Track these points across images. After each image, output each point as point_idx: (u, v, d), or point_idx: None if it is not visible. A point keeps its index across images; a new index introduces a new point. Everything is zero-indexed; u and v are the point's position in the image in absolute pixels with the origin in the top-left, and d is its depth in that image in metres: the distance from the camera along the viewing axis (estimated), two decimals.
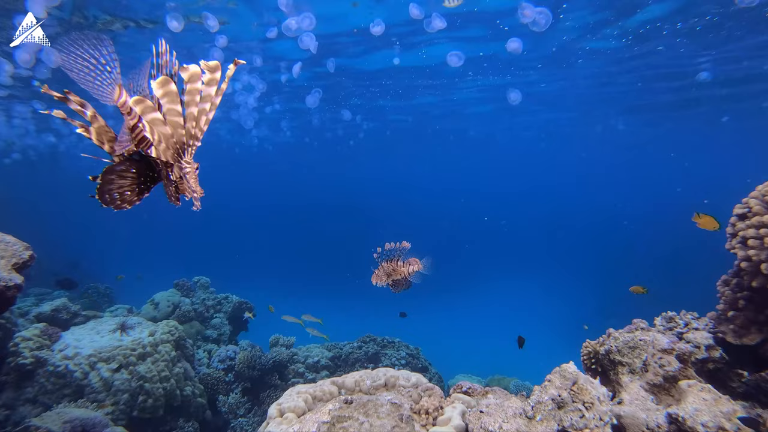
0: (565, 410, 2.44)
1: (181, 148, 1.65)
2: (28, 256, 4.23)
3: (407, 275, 2.87)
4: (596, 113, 20.08)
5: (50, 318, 8.07)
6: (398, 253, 2.85)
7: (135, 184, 1.75)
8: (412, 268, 2.87)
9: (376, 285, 2.87)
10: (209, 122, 1.63)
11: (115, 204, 1.70)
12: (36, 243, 4.40)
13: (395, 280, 2.88)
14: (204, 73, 1.50)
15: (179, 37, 9.64)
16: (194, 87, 1.52)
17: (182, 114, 1.57)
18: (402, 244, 2.84)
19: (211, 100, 1.58)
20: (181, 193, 1.73)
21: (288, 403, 2.97)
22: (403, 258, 2.87)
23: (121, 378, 6.31)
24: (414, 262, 2.88)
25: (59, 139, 23.19)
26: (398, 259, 2.86)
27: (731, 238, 2.90)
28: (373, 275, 2.85)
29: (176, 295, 10.39)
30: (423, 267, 2.89)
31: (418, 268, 2.88)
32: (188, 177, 1.68)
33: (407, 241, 2.82)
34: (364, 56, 12.24)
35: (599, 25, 10.08)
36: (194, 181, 1.70)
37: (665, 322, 3.32)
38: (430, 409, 2.76)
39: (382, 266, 2.86)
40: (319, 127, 22.82)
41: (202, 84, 1.52)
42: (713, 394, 2.53)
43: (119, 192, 1.71)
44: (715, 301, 3.04)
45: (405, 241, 2.82)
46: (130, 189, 1.73)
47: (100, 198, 1.67)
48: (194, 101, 1.55)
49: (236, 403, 8.17)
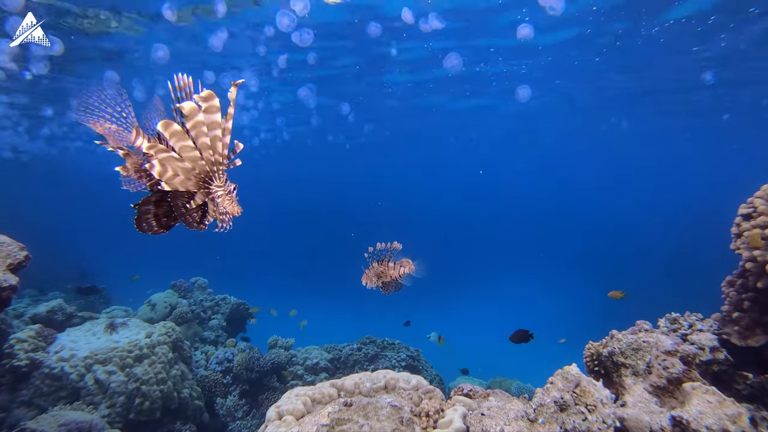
0: (568, 413, 2.44)
1: (206, 176, 1.76)
2: (23, 257, 4.23)
3: (397, 277, 2.80)
4: (602, 111, 20.08)
5: (46, 319, 8.07)
6: (389, 254, 2.78)
7: (171, 212, 1.87)
8: (403, 270, 2.79)
9: (366, 286, 2.82)
10: (227, 145, 1.71)
11: (152, 230, 1.82)
12: (31, 243, 4.40)
13: (385, 282, 2.82)
14: (200, 105, 1.57)
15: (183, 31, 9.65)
16: (196, 121, 1.59)
17: (196, 146, 1.66)
18: (393, 244, 2.77)
19: (220, 126, 1.64)
20: (211, 217, 1.86)
21: (287, 405, 2.97)
22: (394, 259, 2.80)
23: (117, 380, 6.31)
24: (405, 264, 2.79)
25: (52, 142, 23.22)
26: (389, 260, 2.78)
27: (736, 238, 2.90)
28: (363, 276, 2.80)
29: (173, 296, 10.39)
30: (415, 269, 2.81)
31: (410, 270, 2.79)
32: (219, 200, 1.81)
33: (398, 242, 2.74)
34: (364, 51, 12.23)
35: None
36: (229, 202, 1.83)
37: (669, 324, 3.32)
38: (431, 411, 2.76)
39: (373, 267, 2.78)
40: (319, 127, 22.84)
41: (203, 115, 1.59)
42: (718, 397, 2.53)
43: (156, 219, 1.82)
44: (720, 302, 3.04)
45: (396, 242, 2.75)
46: (167, 216, 1.84)
47: (137, 227, 1.79)
48: (203, 132, 1.63)
49: (234, 406, 8.16)
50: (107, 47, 10.49)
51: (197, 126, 1.61)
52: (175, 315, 9.70)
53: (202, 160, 1.70)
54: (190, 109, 1.56)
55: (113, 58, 11.17)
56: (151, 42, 9.95)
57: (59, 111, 17.12)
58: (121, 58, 11.17)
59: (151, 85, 12.55)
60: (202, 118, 1.59)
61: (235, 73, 12.91)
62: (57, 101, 15.86)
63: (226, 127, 1.66)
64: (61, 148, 24.87)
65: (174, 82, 1.64)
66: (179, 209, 1.80)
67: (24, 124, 19.28)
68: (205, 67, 11.97)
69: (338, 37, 10.93)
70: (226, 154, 1.73)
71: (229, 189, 1.83)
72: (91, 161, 28.90)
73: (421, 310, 25.20)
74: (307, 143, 27.94)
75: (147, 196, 1.79)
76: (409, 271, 2.79)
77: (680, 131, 24.32)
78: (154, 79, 12.39)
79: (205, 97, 1.57)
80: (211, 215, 1.86)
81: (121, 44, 10.28)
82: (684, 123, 22.15)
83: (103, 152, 1.86)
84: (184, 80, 1.64)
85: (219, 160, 1.73)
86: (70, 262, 17.74)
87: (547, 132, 25.85)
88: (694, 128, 23.02)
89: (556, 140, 28.91)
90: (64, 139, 22.49)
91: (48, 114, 17.32)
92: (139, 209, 1.77)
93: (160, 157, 1.63)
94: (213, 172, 1.76)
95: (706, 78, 13.34)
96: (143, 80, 12.36)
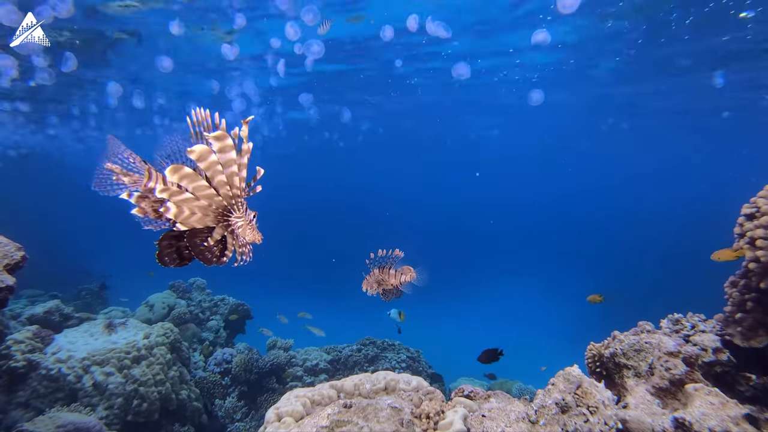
0: (569, 414, 2.44)
1: (225, 210, 1.79)
2: (20, 257, 4.22)
3: (398, 285, 2.78)
4: (602, 110, 20.08)
5: (43, 320, 8.07)
6: (391, 261, 2.74)
7: (188, 241, 1.89)
8: (404, 278, 2.75)
9: (366, 292, 2.79)
10: (245, 179, 1.72)
11: (174, 264, 1.84)
12: (29, 243, 4.40)
13: (386, 290, 2.80)
14: (212, 144, 1.58)
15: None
16: (210, 162, 1.60)
17: (211, 185, 1.67)
18: (395, 252, 2.74)
19: (236, 162, 1.65)
20: (229, 251, 1.88)
21: (286, 407, 2.97)
22: (395, 266, 2.76)
23: (115, 381, 6.31)
24: (407, 272, 2.75)
25: (50, 140, 23.22)
26: (390, 267, 2.75)
27: (739, 238, 2.90)
28: (363, 282, 2.77)
29: (172, 296, 10.39)
30: (416, 278, 2.78)
31: (411, 278, 2.76)
32: (239, 231, 1.84)
33: (400, 250, 2.71)
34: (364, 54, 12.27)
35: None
36: (250, 231, 1.85)
37: (671, 325, 3.32)
38: (431, 413, 2.76)
39: (374, 273, 2.75)
40: (318, 126, 22.87)
41: (217, 156, 1.60)
42: (720, 398, 2.53)
43: (178, 253, 1.85)
44: (723, 303, 3.04)
45: (398, 249, 2.71)
46: (188, 249, 1.86)
47: (159, 261, 1.82)
48: (218, 171, 1.64)
49: (233, 408, 8.16)
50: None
51: (211, 167, 1.62)
52: (174, 316, 9.70)
53: (218, 197, 1.72)
54: (201, 152, 1.57)
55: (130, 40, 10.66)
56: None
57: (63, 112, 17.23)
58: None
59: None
60: (216, 158, 1.60)
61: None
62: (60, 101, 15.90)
63: (241, 163, 1.66)
64: (60, 147, 24.87)
65: (192, 117, 1.65)
66: (196, 247, 1.81)
67: (25, 122, 19.34)
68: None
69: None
70: (243, 187, 1.74)
71: (250, 218, 1.84)
72: (89, 159, 28.81)
73: (422, 310, 25.18)
74: (304, 139, 27.89)
75: (166, 233, 1.82)
76: (410, 279, 2.75)
77: (681, 129, 24.30)
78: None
79: (218, 136, 1.57)
80: (230, 248, 1.87)
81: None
82: (685, 121, 22.14)
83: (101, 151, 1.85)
84: (202, 114, 1.64)
85: (237, 193, 1.74)
86: (68, 263, 17.73)
87: (547, 132, 25.88)
88: (696, 126, 23.02)
89: (555, 140, 28.93)
90: (65, 137, 22.51)
91: (51, 117, 17.43)
92: (160, 245, 1.81)
93: (175, 199, 1.64)
94: (231, 205, 1.77)
95: (717, 81, 13.26)
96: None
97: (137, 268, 14.27)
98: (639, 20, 9.81)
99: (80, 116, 18.07)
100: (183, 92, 15.36)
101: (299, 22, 8.37)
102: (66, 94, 14.92)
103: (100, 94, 14.60)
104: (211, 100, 15.33)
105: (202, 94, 15.09)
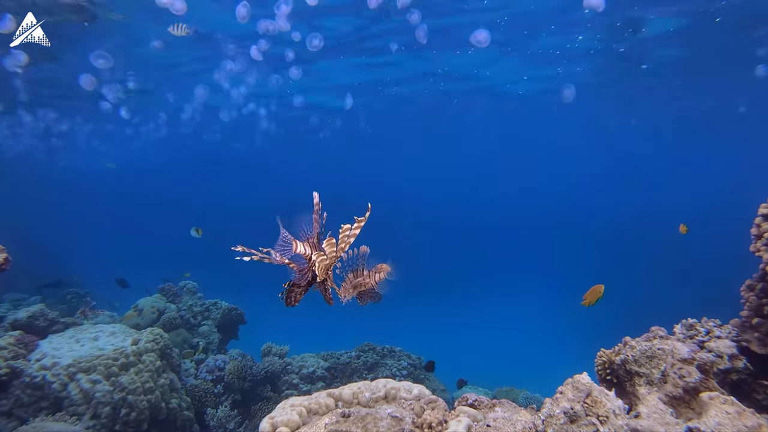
0: (578, 424, 2.44)
1: (331, 267, 2.54)
2: (3, 260, 4.22)
3: (374, 285, 2.71)
4: (610, 109, 20.09)
5: (26, 325, 8.05)
6: (361, 261, 2.64)
7: (306, 290, 2.63)
8: (378, 276, 2.65)
9: (346, 300, 2.70)
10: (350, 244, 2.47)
11: (294, 303, 2.57)
12: (15, 246, 4.40)
13: (361, 293, 2.73)
14: (353, 224, 2.40)
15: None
16: (345, 234, 2.44)
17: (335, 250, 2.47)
18: (361, 249, 2.66)
19: (354, 235, 2.43)
20: (327, 288, 2.57)
21: (281, 416, 2.97)
22: (366, 265, 2.66)
23: (102, 389, 6.30)
24: (381, 269, 2.64)
25: (43, 142, 23.31)
26: (363, 268, 2.64)
27: (756, 239, 2.90)
28: (340, 291, 2.68)
29: (161, 300, 10.38)
30: (391, 272, 2.66)
31: (385, 275, 2.66)
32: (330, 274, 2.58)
33: (365, 245, 2.63)
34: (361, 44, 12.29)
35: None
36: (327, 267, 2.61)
37: (685, 330, 3.32)
38: (434, 423, 2.76)
39: (349, 278, 2.67)
40: (317, 125, 22.94)
41: (351, 230, 2.43)
42: (737, 407, 2.53)
43: (301, 295, 2.58)
44: (739, 308, 3.04)
45: (363, 246, 2.63)
46: (304, 292, 2.60)
47: (286, 302, 2.55)
48: (345, 240, 2.44)
49: (226, 417, 8.15)
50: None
51: (347, 238, 2.44)
52: (164, 321, 9.69)
53: (334, 257, 2.50)
54: (345, 229, 2.43)
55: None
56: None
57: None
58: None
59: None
60: (350, 232, 2.42)
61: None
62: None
63: (354, 234, 2.42)
64: (46, 148, 24.93)
65: (314, 198, 2.45)
66: (321, 287, 2.58)
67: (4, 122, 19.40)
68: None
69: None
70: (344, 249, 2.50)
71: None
72: (73, 160, 28.86)
73: (427, 317, 25.20)
74: (298, 132, 27.92)
75: (296, 281, 2.53)
76: (384, 276, 2.67)
77: (694, 127, 24.30)
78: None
79: (361, 220, 2.42)
80: (328, 287, 2.58)
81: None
82: (700, 119, 22.15)
83: (93, 152, 1.86)
84: (316, 199, 2.46)
85: (340, 255, 2.50)
86: (56, 266, 17.72)
87: (548, 132, 25.89)
88: (711, 123, 23.02)
89: (556, 140, 28.93)
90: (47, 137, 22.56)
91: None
92: (289, 290, 2.55)
93: (318, 260, 2.46)
94: (336, 263, 2.55)
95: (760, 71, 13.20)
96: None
97: (126, 272, 14.28)
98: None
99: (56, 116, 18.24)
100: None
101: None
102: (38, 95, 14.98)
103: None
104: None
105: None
